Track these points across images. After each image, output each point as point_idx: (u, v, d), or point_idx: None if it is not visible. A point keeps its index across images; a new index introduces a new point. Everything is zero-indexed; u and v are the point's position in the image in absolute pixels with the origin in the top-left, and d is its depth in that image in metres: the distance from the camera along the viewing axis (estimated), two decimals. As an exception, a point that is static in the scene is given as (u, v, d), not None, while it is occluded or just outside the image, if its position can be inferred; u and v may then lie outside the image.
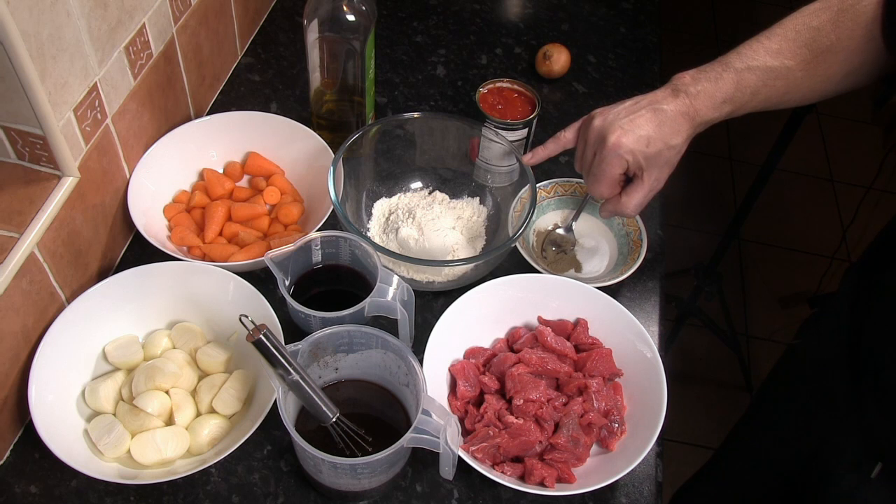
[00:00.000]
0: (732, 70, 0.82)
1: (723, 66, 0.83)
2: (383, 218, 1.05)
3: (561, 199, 1.08)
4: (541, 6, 1.42)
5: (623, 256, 1.03)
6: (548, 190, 1.07)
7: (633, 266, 0.98)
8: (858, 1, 0.79)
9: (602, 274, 1.02)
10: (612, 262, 1.04)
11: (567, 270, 1.02)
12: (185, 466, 0.79)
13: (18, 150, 0.81)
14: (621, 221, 1.05)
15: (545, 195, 1.06)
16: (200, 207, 1.02)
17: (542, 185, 1.06)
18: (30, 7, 0.70)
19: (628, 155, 0.83)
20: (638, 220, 1.03)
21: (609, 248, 1.05)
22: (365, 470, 0.75)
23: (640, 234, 1.02)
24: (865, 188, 2.07)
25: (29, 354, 0.81)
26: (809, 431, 0.95)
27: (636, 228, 1.03)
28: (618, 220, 1.04)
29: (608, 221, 1.06)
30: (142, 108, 0.96)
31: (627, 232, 1.04)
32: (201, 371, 0.88)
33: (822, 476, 0.90)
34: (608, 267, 1.03)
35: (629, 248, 1.02)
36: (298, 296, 0.87)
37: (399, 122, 1.04)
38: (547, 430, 0.83)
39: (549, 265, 1.01)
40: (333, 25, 0.97)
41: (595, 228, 1.07)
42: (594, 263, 1.04)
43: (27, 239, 0.78)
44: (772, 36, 0.82)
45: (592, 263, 1.04)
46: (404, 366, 0.78)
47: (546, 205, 1.07)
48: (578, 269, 1.03)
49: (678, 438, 1.79)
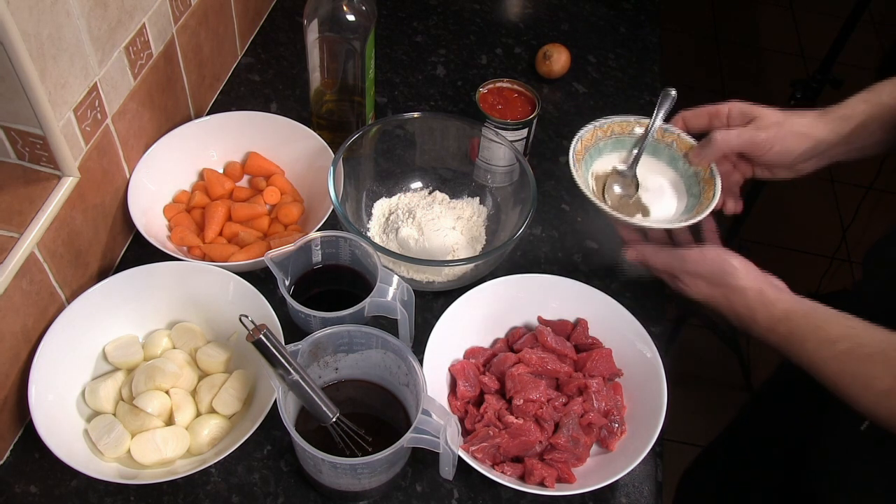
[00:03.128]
0: None
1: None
2: (383, 218, 1.05)
3: (618, 140, 0.97)
4: (541, 6, 1.42)
5: (694, 198, 0.93)
6: (604, 129, 0.96)
7: (709, 205, 0.89)
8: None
9: (673, 217, 0.93)
10: (681, 206, 0.94)
11: (633, 215, 0.92)
12: (185, 466, 0.79)
13: (18, 150, 0.81)
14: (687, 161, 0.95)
15: (601, 134, 0.96)
16: (200, 207, 1.02)
17: (598, 124, 0.96)
18: (30, 7, 0.70)
19: None
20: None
21: (676, 191, 0.96)
22: (365, 470, 0.75)
23: (711, 172, 0.92)
24: (865, 188, 2.07)
25: (29, 354, 0.81)
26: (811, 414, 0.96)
27: (706, 167, 0.93)
28: (683, 160, 0.95)
29: (673, 163, 0.96)
30: (142, 108, 0.96)
31: (696, 171, 0.94)
32: (201, 371, 0.88)
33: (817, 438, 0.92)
34: (678, 210, 0.94)
35: (700, 187, 0.93)
36: (298, 296, 0.87)
37: (399, 122, 1.04)
38: (547, 430, 0.83)
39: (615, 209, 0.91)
40: (333, 25, 0.97)
41: (657, 169, 0.97)
42: (662, 207, 0.94)
43: (27, 239, 0.78)
44: None
45: (660, 207, 0.94)
46: (404, 366, 0.78)
47: (602, 146, 0.96)
48: (646, 214, 0.93)
49: (678, 438, 1.79)
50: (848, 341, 0.72)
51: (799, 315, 0.77)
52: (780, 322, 0.78)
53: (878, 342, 0.71)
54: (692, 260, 0.84)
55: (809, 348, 0.75)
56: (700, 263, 0.84)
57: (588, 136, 0.95)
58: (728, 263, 0.82)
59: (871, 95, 0.86)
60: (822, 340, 0.74)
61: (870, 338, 0.72)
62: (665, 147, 0.96)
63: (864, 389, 0.70)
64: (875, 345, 0.71)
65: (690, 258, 0.84)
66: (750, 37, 3.18)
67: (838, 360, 0.72)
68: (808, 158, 0.87)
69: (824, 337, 0.74)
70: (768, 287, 0.81)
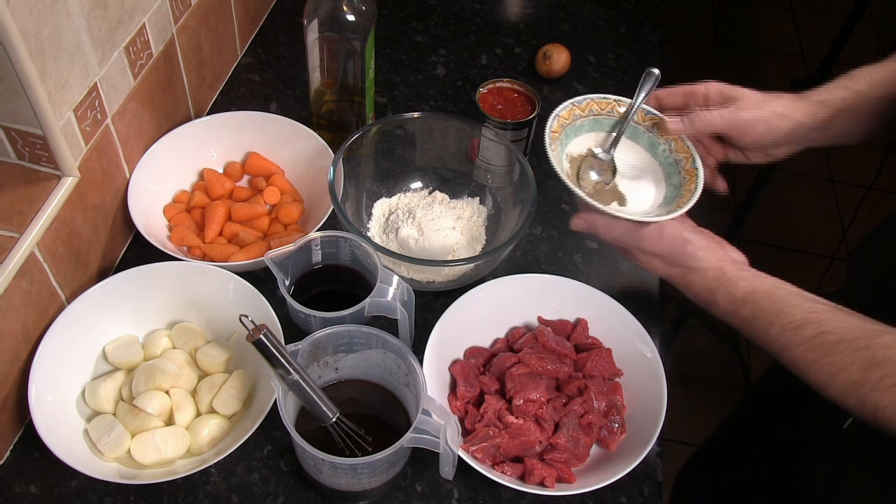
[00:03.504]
0: None
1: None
2: (383, 218, 1.05)
3: (596, 120, 0.91)
4: (541, 6, 1.42)
5: (675, 188, 0.88)
6: (581, 107, 0.90)
7: (691, 199, 0.84)
8: None
9: (651, 209, 0.88)
10: (660, 196, 0.89)
11: (609, 203, 0.86)
12: (185, 466, 0.79)
13: (18, 150, 0.81)
14: (668, 147, 0.90)
15: (579, 112, 0.90)
16: (200, 207, 1.02)
17: (576, 102, 0.90)
18: (30, 7, 0.70)
19: None
20: (689, 146, 0.88)
21: (655, 180, 0.91)
22: (365, 470, 0.75)
23: (693, 162, 0.87)
24: (865, 188, 2.07)
25: (29, 354, 0.81)
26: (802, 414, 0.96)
27: (688, 155, 0.88)
28: (664, 145, 0.90)
29: (653, 148, 0.91)
30: (142, 108, 0.96)
31: (677, 160, 0.89)
32: (201, 371, 0.88)
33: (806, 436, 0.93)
34: (656, 200, 0.89)
35: (681, 178, 0.88)
36: (298, 296, 0.87)
37: (399, 122, 1.04)
38: (547, 430, 0.83)
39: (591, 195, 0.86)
40: (333, 25, 0.97)
41: (637, 156, 0.92)
42: (640, 197, 0.89)
43: (27, 239, 0.78)
44: None
45: (638, 197, 0.89)
46: (404, 366, 0.78)
47: (579, 125, 0.91)
48: (622, 203, 0.88)
49: (678, 438, 1.79)
50: (812, 327, 0.71)
51: (761, 296, 0.76)
52: (742, 304, 0.76)
53: (842, 329, 0.69)
54: (647, 237, 0.82)
55: (773, 333, 0.74)
56: (657, 243, 0.82)
57: (565, 113, 0.90)
58: (688, 243, 0.80)
59: (849, 82, 0.85)
60: (784, 325, 0.72)
61: (834, 323, 0.70)
62: (644, 131, 0.91)
63: (830, 378, 0.69)
64: (839, 331, 0.69)
65: (647, 237, 0.82)
66: (750, 37, 3.18)
67: (803, 347, 0.71)
68: (786, 142, 0.86)
69: (788, 322, 0.72)
70: (729, 265, 0.79)
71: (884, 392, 0.65)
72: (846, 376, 0.68)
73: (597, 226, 0.85)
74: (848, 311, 0.71)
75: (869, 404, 0.66)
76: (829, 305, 0.72)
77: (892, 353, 0.66)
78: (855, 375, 0.67)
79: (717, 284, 0.79)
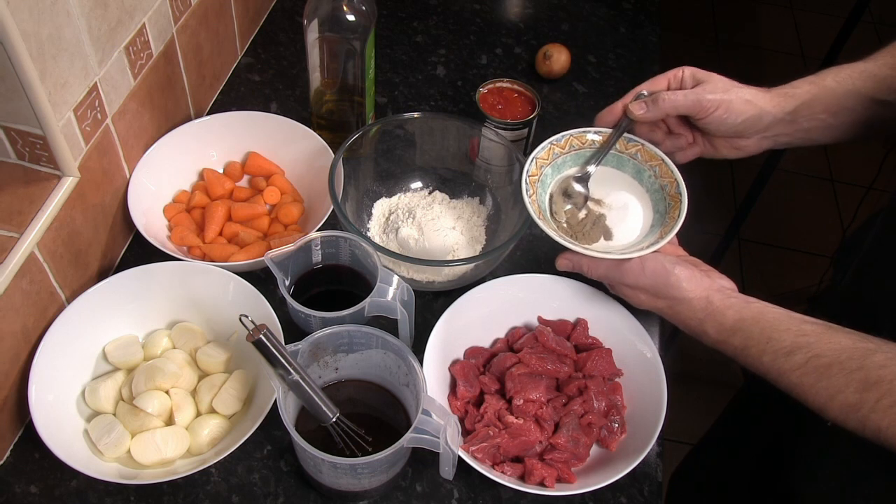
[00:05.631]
0: None
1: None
2: (383, 218, 1.05)
3: (578, 154, 0.93)
4: (541, 6, 1.42)
5: (660, 216, 0.88)
6: (561, 144, 0.92)
7: (674, 226, 0.84)
8: None
9: (638, 240, 0.88)
10: (647, 224, 0.90)
11: (597, 238, 0.89)
12: (185, 466, 0.79)
13: (18, 150, 0.81)
14: (653, 173, 0.90)
15: (559, 150, 0.92)
16: (200, 207, 1.02)
17: (555, 140, 0.91)
18: (30, 7, 0.70)
19: None
20: (673, 171, 0.89)
21: (642, 207, 0.91)
22: (365, 470, 0.75)
23: (677, 187, 0.88)
24: (865, 188, 2.06)
25: (29, 354, 0.81)
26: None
27: (672, 180, 0.88)
28: (649, 172, 0.90)
29: (639, 175, 0.91)
30: (142, 108, 0.96)
31: (662, 185, 0.89)
32: (201, 371, 0.88)
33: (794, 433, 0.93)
34: (644, 230, 0.89)
35: (666, 204, 0.88)
36: (298, 296, 0.87)
37: (399, 122, 1.04)
38: (547, 430, 0.83)
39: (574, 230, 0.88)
40: (333, 25, 0.97)
41: (623, 183, 0.92)
42: (627, 228, 0.90)
43: (27, 239, 0.78)
44: None
45: (625, 228, 0.90)
46: (404, 366, 0.78)
47: (561, 162, 0.92)
48: (609, 237, 0.89)
49: (678, 438, 1.79)
50: (803, 352, 0.70)
51: (749, 323, 0.75)
52: (733, 333, 0.76)
53: (833, 351, 0.69)
54: (630, 271, 0.82)
55: (766, 361, 0.73)
56: (639, 275, 0.82)
57: (544, 154, 0.91)
58: (671, 274, 0.80)
59: (816, 78, 0.86)
60: (777, 352, 0.72)
61: (824, 345, 0.70)
62: (629, 158, 0.92)
63: (828, 401, 0.69)
64: (830, 354, 0.69)
65: (630, 271, 0.83)
66: (750, 37, 3.18)
67: (796, 372, 0.71)
68: (750, 131, 0.86)
69: (779, 348, 0.72)
70: (715, 293, 0.79)
71: (883, 413, 0.65)
72: (843, 399, 0.67)
73: (581, 264, 0.86)
74: (838, 328, 0.71)
75: (870, 426, 0.66)
76: (818, 325, 0.72)
77: (885, 372, 0.65)
78: (852, 398, 0.67)
79: (705, 315, 0.79)
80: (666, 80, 0.89)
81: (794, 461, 0.93)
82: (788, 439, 0.95)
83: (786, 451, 0.95)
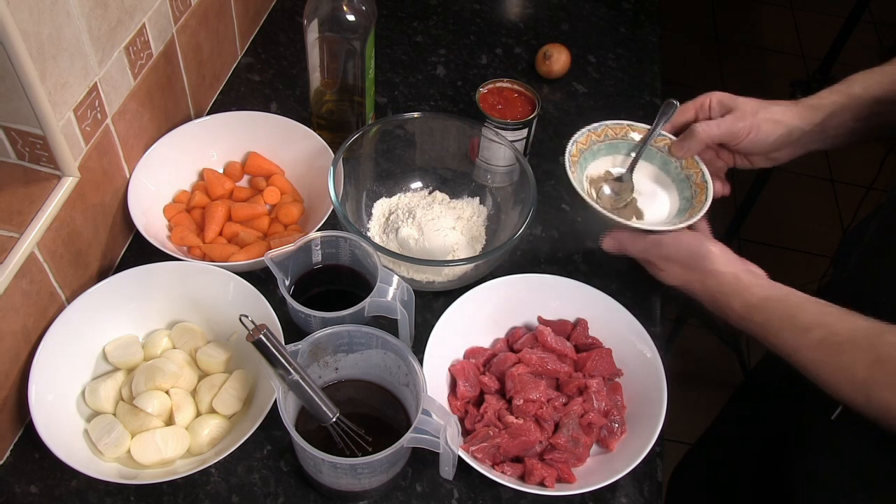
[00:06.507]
0: None
1: None
2: (383, 218, 1.05)
3: (612, 144, 0.99)
4: (541, 6, 1.42)
5: (686, 201, 0.95)
6: (598, 133, 0.98)
7: (701, 208, 0.90)
8: None
9: (665, 220, 0.94)
10: (674, 209, 0.96)
11: (629, 218, 0.94)
12: (185, 466, 0.79)
13: (18, 150, 0.81)
14: (679, 164, 0.96)
15: (595, 138, 0.98)
16: (200, 207, 1.02)
17: (592, 128, 0.97)
18: (30, 7, 0.70)
19: None
20: (699, 162, 0.95)
21: (668, 195, 0.97)
22: (365, 470, 0.75)
23: (703, 176, 0.94)
24: (865, 188, 2.06)
25: (29, 354, 0.81)
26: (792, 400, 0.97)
27: (698, 171, 0.94)
28: (675, 163, 0.96)
29: (665, 167, 0.98)
30: (142, 108, 0.96)
31: (688, 175, 0.95)
32: (201, 371, 0.88)
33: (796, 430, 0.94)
34: (670, 213, 0.95)
35: (692, 191, 0.94)
36: (298, 296, 0.87)
37: (399, 122, 1.04)
38: (547, 430, 0.83)
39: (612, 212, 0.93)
40: (333, 25, 0.97)
41: (651, 174, 0.99)
42: (656, 210, 0.96)
43: (27, 239, 0.78)
44: None
45: (654, 210, 0.96)
46: (404, 366, 0.78)
47: (597, 149, 0.98)
48: (640, 217, 0.95)
49: (678, 438, 1.79)
50: (821, 329, 0.72)
51: (773, 301, 0.77)
52: (756, 309, 0.78)
53: (849, 330, 0.71)
54: (668, 244, 0.85)
55: (785, 337, 0.75)
56: (675, 247, 0.85)
57: (583, 139, 0.96)
58: (704, 247, 0.83)
59: (842, 87, 0.89)
60: (796, 328, 0.74)
61: (841, 325, 0.71)
62: (657, 151, 0.98)
63: (841, 379, 0.70)
64: (846, 333, 0.71)
65: (666, 242, 0.86)
66: (750, 37, 3.18)
67: (813, 349, 0.72)
68: (782, 146, 0.90)
69: (798, 325, 0.74)
70: (744, 273, 0.81)
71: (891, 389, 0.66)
72: (852, 375, 0.69)
73: (624, 243, 0.89)
74: (856, 314, 0.72)
75: (874, 402, 0.67)
76: (839, 309, 0.73)
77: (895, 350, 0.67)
78: (861, 374, 0.68)
79: (732, 290, 0.80)
80: (693, 110, 0.94)
81: (793, 459, 0.93)
82: (788, 438, 0.95)
83: (786, 449, 0.95)
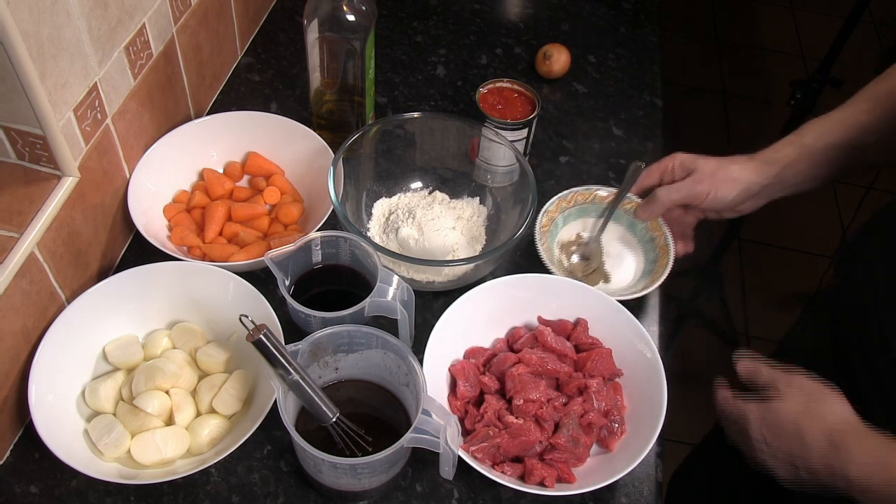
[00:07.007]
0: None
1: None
2: (383, 218, 1.05)
3: (581, 209, 1.05)
4: (541, 6, 1.42)
5: (650, 263, 1.01)
6: (567, 200, 1.04)
7: (663, 273, 0.97)
8: None
9: (631, 284, 1.01)
10: (639, 270, 1.02)
11: (597, 282, 1.01)
12: (185, 466, 0.79)
13: (18, 150, 0.81)
14: (645, 227, 1.03)
15: (565, 205, 1.04)
16: (200, 207, 1.02)
17: (562, 196, 1.04)
18: (30, 7, 0.70)
19: None
20: (662, 225, 1.01)
21: (634, 256, 1.04)
22: (365, 470, 0.75)
23: (665, 239, 1.00)
24: (865, 188, 2.07)
25: (29, 354, 0.81)
26: None
27: (661, 233, 1.01)
28: (641, 225, 1.03)
29: (632, 228, 1.04)
30: (142, 108, 0.96)
31: (652, 237, 1.02)
32: (201, 371, 0.88)
33: None
34: (636, 275, 1.02)
35: (656, 253, 1.01)
36: (298, 296, 0.87)
37: (399, 122, 1.04)
38: (547, 430, 0.83)
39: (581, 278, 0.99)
40: (333, 25, 0.97)
41: (619, 235, 1.05)
42: (621, 273, 1.02)
43: (27, 239, 0.78)
44: None
45: (619, 273, 1.02)
46: (404, 366, 0.78)
47: (567, 215, 1.05)
48: (607, 281, 1.01)
49: (678, 438, 1.79)
50: None
51: None
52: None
53: None
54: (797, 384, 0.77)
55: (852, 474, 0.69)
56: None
57: (553, 207, 1.03)
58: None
59: (795, 137, 0.92)
60: None
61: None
62: (624, 213, 1.04)
63: None
64: None
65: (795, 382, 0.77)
66: (750, 37, 3.18)
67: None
68: (744, 200, 0.94)
69: None
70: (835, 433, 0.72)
71: None
72: None
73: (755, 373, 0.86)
74: None
75: None
76: None
77: None
78: None
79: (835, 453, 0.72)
80: (658, 173, 0.99)
81: None
82: None
83: None
